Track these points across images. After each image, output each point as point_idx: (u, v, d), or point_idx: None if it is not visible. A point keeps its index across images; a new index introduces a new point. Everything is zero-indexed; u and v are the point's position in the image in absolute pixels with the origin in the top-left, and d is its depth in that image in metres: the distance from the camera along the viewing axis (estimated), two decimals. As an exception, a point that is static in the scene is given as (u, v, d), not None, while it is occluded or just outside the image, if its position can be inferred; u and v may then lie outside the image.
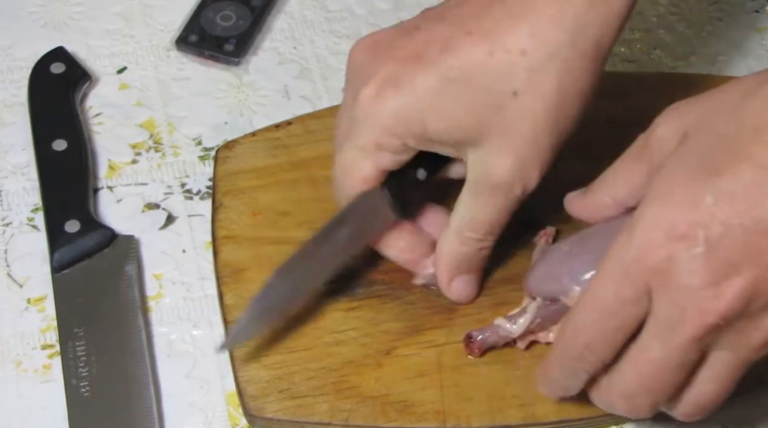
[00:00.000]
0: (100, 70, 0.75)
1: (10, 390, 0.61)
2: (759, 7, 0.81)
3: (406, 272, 0.63)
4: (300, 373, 0.60)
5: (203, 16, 0.77)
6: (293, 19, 0.79)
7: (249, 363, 0.60)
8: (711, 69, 0.77)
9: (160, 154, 0.71)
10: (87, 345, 0.61)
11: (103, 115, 0.73)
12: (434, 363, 0.61)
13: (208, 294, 0.65)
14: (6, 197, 0.68)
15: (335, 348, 0.61)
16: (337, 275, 0.61)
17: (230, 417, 0.60)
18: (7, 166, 0.70)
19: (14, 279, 0.65)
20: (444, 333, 0.62)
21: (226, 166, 0.68)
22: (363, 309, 0.62)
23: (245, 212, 0.66)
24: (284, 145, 0.69)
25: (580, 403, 0.59)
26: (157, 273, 0.65)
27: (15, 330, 0.63)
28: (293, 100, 0.74)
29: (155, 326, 0.63)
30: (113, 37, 0.77)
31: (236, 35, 0.76)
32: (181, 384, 0.61)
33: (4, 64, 0.75)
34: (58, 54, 0.73)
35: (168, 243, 0.67)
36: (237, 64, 0.75)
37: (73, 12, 0.78)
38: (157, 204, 0.68)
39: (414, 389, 0.60)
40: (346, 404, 0.59)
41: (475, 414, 0.59)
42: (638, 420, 0.60)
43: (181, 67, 0.75)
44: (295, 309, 0.61)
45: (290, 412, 0.59)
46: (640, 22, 0.79)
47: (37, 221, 0.67)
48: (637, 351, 0.49)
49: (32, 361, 0.62)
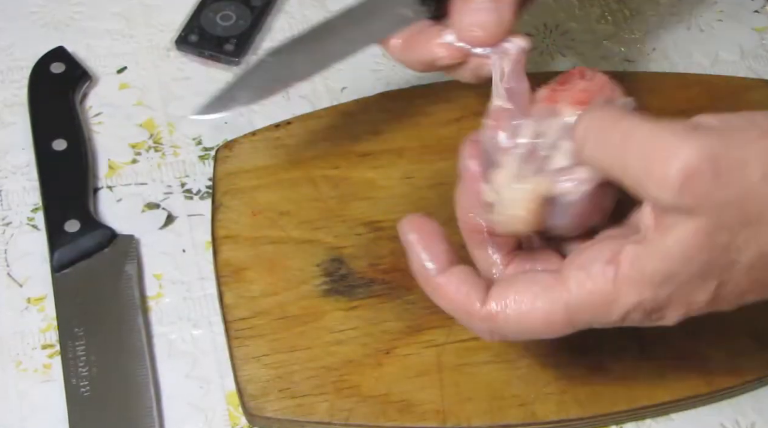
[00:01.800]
0: (100, 69, 0.75)
1: (10, 390, 0.61)
2: (759, 7, 0.81)
3: (406, 272, 0.63)
4: (300, 372, 0.60)
5: (203, 16, 0.77)
6: (293, 18, 0.79)
7: (249, 362, 0.60)
8: (711, 69, 0.77)
9: (160, 154, 0.71)
10: (87, 345, 0.61)
11: (103, 114, 0.73)
12: (434, 363, 0.61)
13: (207, 293, 0.65)
14: (6, 197, 0.68)
15: (335, 348, 0.61)
16: (336, 274, 0.61)
17: (230, 416, 0.60)
18: (7, 166, 0.70)
19: (14, 278, 0.65)
20: (444, 332, 0.62)
21: (226, 166, 0.68)
22: (363, 308, 0.62)
23: (245, 212, 0.66)
24: (284, 144, 0.69)
25: (581, 403, 0.59)
26: (157, 273, 0.65)
27: (15, 329, 0.63)
28: (293, 100, 0.74)
29: (155, 326, 0.63)
30: (113, 37, 0.77)
31: (236, 35, 0.76)
32: (181, 384, 0.61)
33: (4, 64, 0.75)
34: (58, 54, 0.73)
35: (168, 243, 0.67)
36: (237, 64, 0.75)
37: (73, 12, 0.78)
38: (157, 204, 0.68)
39: (414, 389, 0.60)
40: (346, 403, 0.59)
41: (475, 414, 0.59)
42: (636, 417, 0.60)
43: (181, 67, 0.75)
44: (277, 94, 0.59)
45: (290, 412, 0.59)
46: (640, 22, 0.79)
47: (37, 221, 0.67)
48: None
49: (32, 361, 0.62)
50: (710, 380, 0.61)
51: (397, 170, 0.68)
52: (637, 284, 0.46)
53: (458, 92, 0.72)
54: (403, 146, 0.69)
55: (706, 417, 0.62)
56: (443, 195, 0.67)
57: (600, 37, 0.79)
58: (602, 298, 0.47)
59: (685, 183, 0.43)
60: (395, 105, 0.71)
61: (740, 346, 0.62)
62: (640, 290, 0.46)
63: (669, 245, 0.45)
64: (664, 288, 0.46)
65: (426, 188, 0.67)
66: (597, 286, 0.47)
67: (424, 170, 0.68)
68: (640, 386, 0.60)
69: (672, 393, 0.60)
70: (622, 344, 0.61)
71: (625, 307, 0.47)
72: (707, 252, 0.45)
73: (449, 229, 0.65)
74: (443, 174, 0.68)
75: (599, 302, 0.47)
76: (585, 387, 0.60)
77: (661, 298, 0.47)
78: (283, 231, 0.65)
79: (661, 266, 0.46)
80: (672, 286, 0.46)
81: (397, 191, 0.67)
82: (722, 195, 0.44)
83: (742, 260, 0.46)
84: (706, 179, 0.43)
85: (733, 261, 0.46)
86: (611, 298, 0.47)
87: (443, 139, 0.69)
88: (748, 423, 0.61)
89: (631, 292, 0.47)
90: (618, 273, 0.47)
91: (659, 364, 0.61)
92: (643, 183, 0.45)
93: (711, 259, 0.45)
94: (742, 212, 0.44)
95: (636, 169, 0.45)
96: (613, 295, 0.47)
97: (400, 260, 0.64)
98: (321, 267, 0.64)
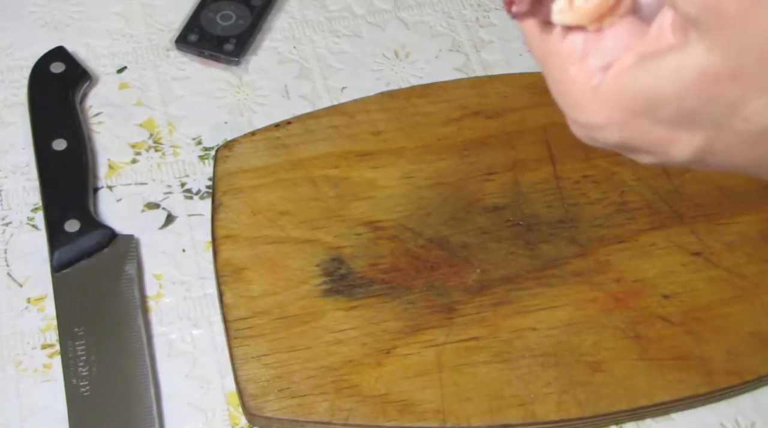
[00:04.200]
0: (99, 69, 0.75)
1: (10, 389, 0.61)
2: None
3: (406, 272, 0.63)
4: (300, 372, 0.60)
5: (203, 15, 0.77)
6: (293, 18, 0.78)
7: (249, 362, 0.60)
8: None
9: (159, 154, 0.71)
10: (87, 344, 0.61)
11: (103, 114, 0.73)
12: (434, 363, 0.61)
13: (207, 293, 0.65)
14: (6, 197, 0.68)
15: (335, 348, 0.61)
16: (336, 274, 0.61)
17: (230, 416, 0.60)
18: (7, 166, 0.70)
19: (14, 278, 0.65)
20: (444, 332, 0.62)
21: (225, 166, 0.68)
22: (363, 308, 0.62)
23: (245, 211, 0.66)
24: (284, 144, 0.69)
25: (581, 403, 0.59)
26: (157, 273, 0.65)
27: (15, 329, 0.63)
28: (293, 99, 0.74)
29: (155, 326, 0.63)
30: (113, 36, 0.77)
31: (236, 35, 0.76)
32: (181, 384, 0.61)
33: (4, 63, 0.75)
34: (58, 53, 0.73)
35: (168, 243, 0.67)
36: (237, 64, 0.75)
37: (73, 12, 0.78)
38: (156, 203, 0.68)
39: (414, 388, 0.60)
40: (346, 403, 0.59)
41: (475, 414, 0.59)
42: (636, 417, 0.60)
43: (181, 67, 0.75)
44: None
45: (290, 411, 0.59)
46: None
47: (37, 221, 0.67)
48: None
49: (32, 361, 0.62)
50: (710, 380, 0.61)
51: (397, 170, 0.68)
52: (610, 103, 0.39)
53: (458, 92, 0.72)
54: (403, 146, 0.69)
55: (706, 417, 0.62)
56: (443, 194, 0.67)
57: (600, 36, 0.79)
58: (575, 100, 0.40)
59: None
60: (395, 105, 0.71)
61: (740, 346, 0.62)
62: (609, 112, 0.39)
63: (666, 66, 0.37)
64: (640, 118, 0.39)
65: (426, 188, 0.67)
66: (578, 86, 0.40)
67: (424, 170, 0.68)
68: (640, 386, 0.60)
69: (672, 393, 0.60)
70: (622, 344, 0.61)
71: (590, 124, 0.39)
72: (706, 97, 0.37)
73: (450, 229, 0.66)
74: (443, 173, 0.68)
75: (572, 104, 0.40)
76: (585, 387, 0.60)
77: (633, 130, 0.39)
78: (282, 231, 0.65)
79: (646, 89, 0.38)
80: (649, 122, 0.38)
81: (397, 191, 0.67)
82: (751, 31, 0.35)
83: (743, 129, 0.37)
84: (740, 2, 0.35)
85: (731, 125, 0.37)
86: (583, 107, 0.39)
87: (443, 139, 0.69)
88: (748, 423, 0.61)
89: (602, 110, 0.39)
90: (602, 83, 0.39)
91: (659, 364, 0.61)
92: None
93: (706, 110, 0.37)
94: (764, 68, 0.36)
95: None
96: (585, 104, 0.39)
97: (400, 260, 0.64)
98: (321, 267, 0.64)
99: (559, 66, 0.40)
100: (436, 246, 0.64)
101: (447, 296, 0.62)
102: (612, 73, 0.38)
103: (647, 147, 0.40)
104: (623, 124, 0.39)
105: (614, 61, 0.39)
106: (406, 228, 0.65)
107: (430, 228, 0.65)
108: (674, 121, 0.38)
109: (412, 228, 0.65)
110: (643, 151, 0.40)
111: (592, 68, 0.39)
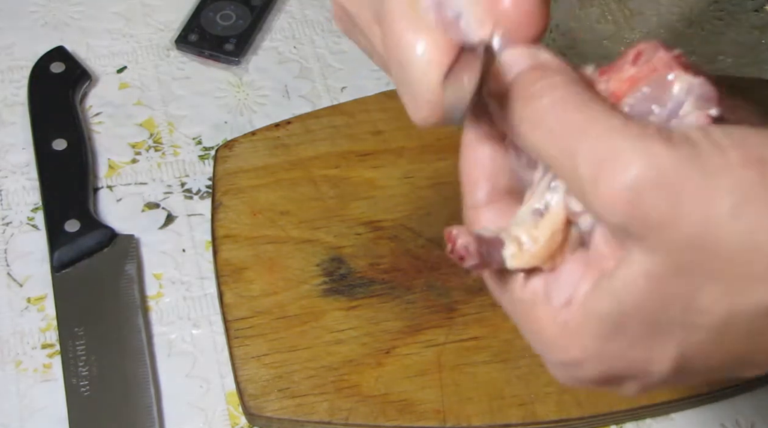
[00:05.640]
0: (99, 69, 0.75)
1: (10, 389, 0.61)
2: (759, 6, 0.81)
3: (406, 271, 0.63)
4: (300, 372, 0.60)
5: (203, 15, 0.77)
6: (293, 18, 0.78)
7: (249, 362, 0.60)
8: (711, 69, 0.77)
9: (159, 154, 0.71)
10: (87, 344, 0.61)
11: (103, 114, 0.73)
12: (434, 363, 0.61)
13: (207, 293, 0.65)
14: (6, 197, 0.68)
15: (335, 347, 0.61)
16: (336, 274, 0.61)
17: (230, 416, 0.60)
18: (7, 166, 0.70)
19: (14, 278, 0.65)
20: (444, 332, 0.62)
21: (225, 166, 0.68)
22: (363, 308, 0.62)
23: (245, 211, 0.66)
24: (284, 144, 0.69)
25: (581, 403, 0.59)
26: (157, 273, 0.65)
27: (15, 329, 0.63)
28: (293, 99, 0.74)
29: (155, 326, 0.63)
30: (113, 36, 0.77)
31: (236, 35, 0.76)
32: (181, 384, 0.61)
33: (4, 63, 0.75)
34: (58, 53, 0.73)
35: (168, 243, 0.67)
36: (237, 64, 0.75)
37: (73, 12, 0.78)
38: (156, 203, 0.68)
39: (414, 388, 0.60)
40: (346, 403, 0.59)
41: (475, 414, 0.59)
42: (636, 417, 0.60)
43: (181, 67, 0.75)
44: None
45: (290, 411, 0.59)
46: (640, 22, 0.79)
47: (37, 220, 0.67)
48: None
49: (32, 361, 0.62)
50: (710, 380, 0.61)
51: (397, 170, 0.68)
52: (581, 334, 0.38)
53: (458, 92, 0.72)
54: (403, 146, 0.69)
55: (706, 417, 0.62)
56: (443, 194, 0.67)
57: (600, 37, 0.79)
58: (549, 341, 0.40)
59: (633, 202, 0.35)
60: (395, 105, 0.71)
61: (740, 346, 0.62)
62: (583, 344, 0.38)
63: (617, 281, 0.37)
64: (612, 342, 0.38)
65: (426, 188, 0.67)
66: (548, 327, 0.39)
67: (423, 170, 0.68)
68: (640, 386, 0.60)
69: (672, 393, 0.60)
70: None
71: (568, 361, 0.39)
72: (661, 299, 0.36)
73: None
74: (443, 173, 0.68)
75: (547, 345, 0.40)
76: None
77: (610, 357, 0.38)
78: (282, 231, 0.65)
79: (608, 310, 0.37)
80: (622, 344, 0.38)
81: (396, 191, 0.67)
82: (681, 229, 0.35)
83: (706, 323, 0.36)
84: (661, 204, 0.35)
85: (693, 322, 0.36)
86: (557, 346, 0.39)
87: (443, 139, 0.69)
88: (748, 423, 0.61)
89: (575, 344, 0.38)
90: (568, 318, 0.38)
91: (659, 364, 0.61)
92: (587, 191, 0.36)
93: (666, 313, 0.36)
94: (705, 257, 0.35)
95: (583, 171, 0.36)
96: (559, 343, 0.39)
97: (399, 260, 0.64)
98: (321, 267, 0.64)
99: (526, 313, 0.40)
100: (436, 246, 0.64)
101: (447, 296, 0.62)
102: (574, 305, 0.38)
103: (628, 371, 0.39)
104: (599, 352, 0.38)
105: (574, 294, 0.39)
106: (406, 228, 0.65)
107: (430, 228, 0.65)
108: (644, 334, 0.37)
109: (412, 228, 0.65)
110: (626, 378, 0.39)
111: (556, 307, 0.39)
